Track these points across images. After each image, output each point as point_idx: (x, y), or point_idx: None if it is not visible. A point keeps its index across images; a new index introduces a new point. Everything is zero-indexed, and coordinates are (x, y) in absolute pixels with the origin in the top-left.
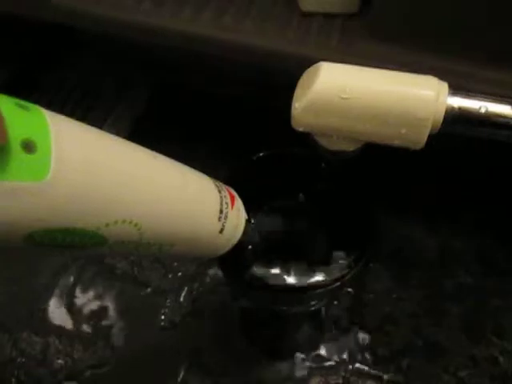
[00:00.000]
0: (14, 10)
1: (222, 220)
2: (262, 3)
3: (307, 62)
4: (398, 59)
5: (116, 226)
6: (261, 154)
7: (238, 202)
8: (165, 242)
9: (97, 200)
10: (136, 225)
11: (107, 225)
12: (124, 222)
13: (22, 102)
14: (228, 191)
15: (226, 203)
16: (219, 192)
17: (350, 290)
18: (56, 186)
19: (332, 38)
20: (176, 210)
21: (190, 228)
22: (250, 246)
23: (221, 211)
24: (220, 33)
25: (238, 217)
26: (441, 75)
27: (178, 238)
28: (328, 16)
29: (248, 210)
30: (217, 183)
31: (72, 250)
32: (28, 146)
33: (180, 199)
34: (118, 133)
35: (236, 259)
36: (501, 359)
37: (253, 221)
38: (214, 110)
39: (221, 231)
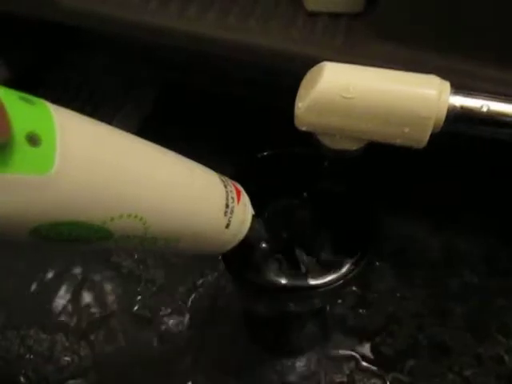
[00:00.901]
0: (17, 9)
1: (228, 215)
2: (267, 3)
3: (312, 62)
4: (403, 59)
5: (121, 220)
6: (265, 153)
7: (245, 197)
8: (170, 237)
9: (102, 194)
10: (141, 219)
11: (112, 219)
12: (129, 216)
13: (27, 96)
14: (234, 186)
15: (232, 198)
16: (225, 187)
17: (354, 288)
18: (61, 179)
19: (337, 38)
20: (182, 205)
21: (195, 223)
22: (254, 245)
23: (227, 206)
24: (224, 32)
25: (244, 212)
26: (447, 75)
27: (183, 232)
28: (333, 16)
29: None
30: (222, 178)
31: (78, 244)
32: (32, 139)
33: (186, 194)
34: (126, 130)
35: (240, 258)
36: (506, 358)
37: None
38: (220, 110)
39: (227, 226)
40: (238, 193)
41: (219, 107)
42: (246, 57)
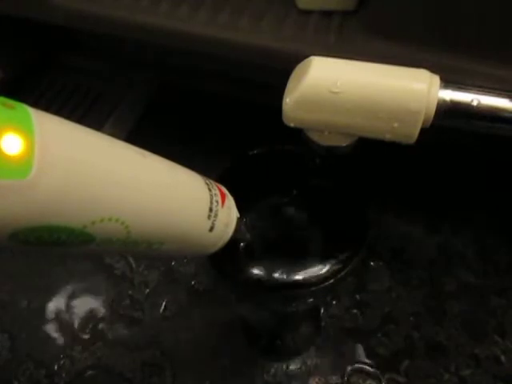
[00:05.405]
0: (10, 10)
1: (212, 218)
2: (258, 1)
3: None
4: (395, 56)
5: (103, 224)
6: (255, 151)
7: (229, 200)
8: (153, 241)
9: (82, 198)
10: (123, 223)
11: (93, 223)
12: (110, 219)
13: (7, 101)
14: (219, 189)
15: (216, 201)
16: (209, 190)
17: (349, 289)
18: (39, 184)
19: (329, 36)
20: (164, 209)
21: (178, 226)
22: (243, 245)
23: (210, 209)
24: (216, 31)
25: (228, 215)
26: (439, 71)
27: (166, 236)
28: (325, 13)
29: (242, 208)
30: (207, 181)
31: (59, 248)
32: (11, 144)
33: (168, 198)
34: (118, 133)
35: (230, 258)
36: (503, 358)
37: (245, 219)
38: (213, 110)
39: (211, 229)
40: (223, 196)
41: (213, 107)
42: (237, 55)
